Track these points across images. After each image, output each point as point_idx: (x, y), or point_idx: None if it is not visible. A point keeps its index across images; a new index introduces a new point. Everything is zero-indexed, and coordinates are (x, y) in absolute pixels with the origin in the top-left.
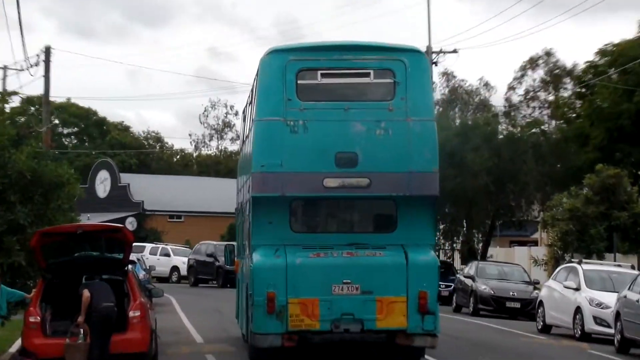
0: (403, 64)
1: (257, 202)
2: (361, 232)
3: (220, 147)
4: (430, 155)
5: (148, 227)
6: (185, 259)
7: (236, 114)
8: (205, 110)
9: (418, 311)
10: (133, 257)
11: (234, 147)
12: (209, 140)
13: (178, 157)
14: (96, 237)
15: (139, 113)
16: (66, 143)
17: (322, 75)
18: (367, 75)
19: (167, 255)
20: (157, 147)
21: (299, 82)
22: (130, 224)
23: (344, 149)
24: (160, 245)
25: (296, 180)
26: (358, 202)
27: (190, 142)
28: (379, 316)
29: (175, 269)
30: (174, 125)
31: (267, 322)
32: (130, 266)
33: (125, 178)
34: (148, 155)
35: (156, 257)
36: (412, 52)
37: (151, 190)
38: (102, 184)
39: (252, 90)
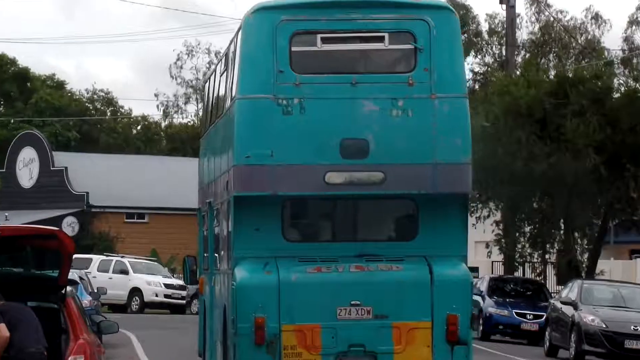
0: (426, 25)
1: (240, 204)
2: (373, 240)
3: (200, 114)
4: (461, 142)
5: (96, 232)
6: (152, 278)
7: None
8: (178, 59)
9: (446, 340)
10: (73, 274)
11: None
12: (185, 104)
13: (139, 128)
14: (19, 245)
15: (79, 63)
16: None
17: (323, 40)
18: (380, 39)
19: (124, 272)
20: (108, 114)
21: (293, 48)
22: (70, 226)
23: (352, 135)
24: (114, 258)
25: (291, 175)
26: (369, 203)
27: (157, 107)
28: (397, 347)
29: (136, 292)
30: (132, 81)
31: (254, 356)
32: (69, 288)
33: (61, 159)
34: (94, 125)
35: (108, 275)
36: (439, 8)
37: (100, 176)
38: (27, 168)
39: (226, 57)
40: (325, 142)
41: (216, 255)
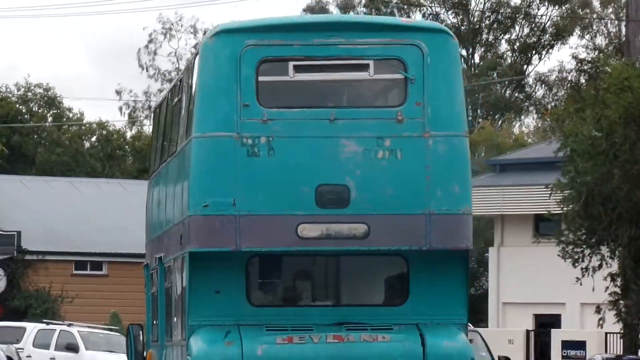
0: (419, 51)
1: (196, 261)
2: (355, 305)
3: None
4: (459, 189)
5: (31, 288)
6: (114, 358)
7: None
8: (150, 41)
9: None
10: None
11: None
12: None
13: (94, 139)
14: None
15: (5, 46)
16: None
17: (296, 68)
18: (364, 68)
19: (73, 348)
20: (49, 120)
21: (260, 78)
22: None
23: (330, 181)
24: (58, 327)
25: (257, 228)
26: (350, 260)
27: (120, 109)
28: None
29: None
30: (84, 72)
31: None
32: None
33: None
34: (29, 135)
35: (49, 354)
36: (434, 31)
37: (37, 209)
38: None
39: (180, 85)
40: (298, 188)
41: (168, 323)
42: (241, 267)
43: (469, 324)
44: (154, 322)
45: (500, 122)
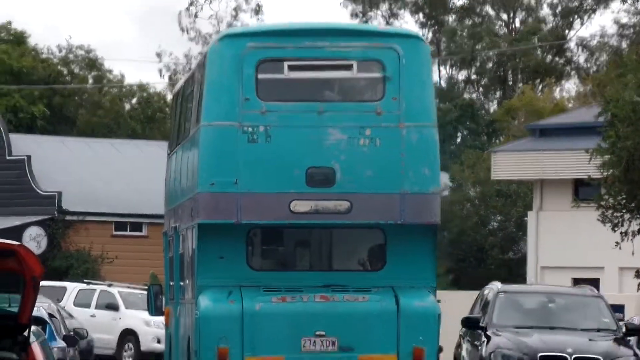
0: (395, 53)
1: (204, 231)
2: (339, 270)
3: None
4: (429, 172)
5: (72, 248)
6: (151, 316)
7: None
8: (191, 4)
9: None
10: (40, 310)
11: None
12: None
13: (135, 101)
14: None
15: (47, 9)
16: None
17: (290, 67)
18: (348, 68)
19: (113, 307)
20: (90, 81)
21: (259, 76)
22: (34, 240)
23: (318, 164)
24: (98, 287)
25: (256, 204)
26: (335, 232)
27: (160, 72)
28: None
29: (129, 335)
30: (125, 34)
31: None
32: (34, 330)
33: (22, 144)
34: (70, 97)
35: (89, 312)
36: (408, 37)
37: (78, 170)
38: None
39: (193, 79)
40: (291, 170)
41: (181, 283)
42: (242, 236)
43: (592, 288)
44: (171, 283)
45: (540, 87)
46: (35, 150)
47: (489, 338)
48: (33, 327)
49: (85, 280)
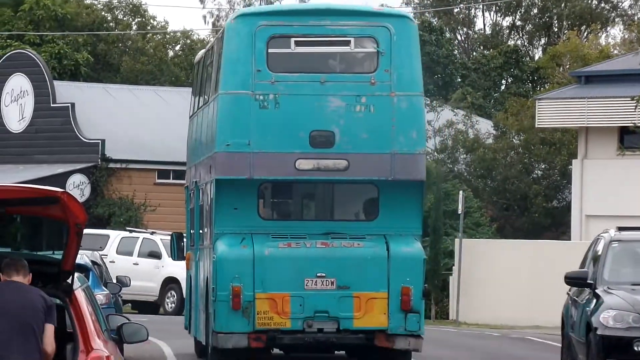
0: (388, 31)
1: (220, 186)
2: (338, 220)
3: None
4: (416, 136)
5: (115, 196)
6: None
7: None
8: None
9: (400, 309)
10: (83, 258)
11: None
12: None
13: (179, 48)
14: (5, 214)
15: None
16: None
17: (296, 43)
18: (346, 43)
19: (156, 255)
20: (134, 28)
21: (269, 50)
22: (78, 187)
23: (320, 127)
24: (141, 235)
25: (266, 162)
26: (335, 187)
27: (204, 18)
28: (357, 314)
29: (171, 284)
30: None
31: (231, 320)
32: (78, 277)
33: (66, 91)
34: (114, 44)
35: (132, 260)
36: (398, 17)
37: (121, 117)
38: (16, 104)
39: (212, 51)
40: (296, 133)
41: (200, 231)
42: (253, 190)
43: None
44: (192, 231)
45: (585, 33)
46: (79, 98)
47: (598, 297)
48: (77, 274)
49: (128, 228)
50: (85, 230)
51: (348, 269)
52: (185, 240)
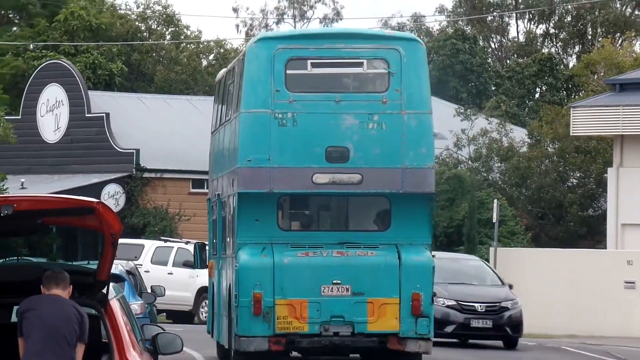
0: (398, 53)
1: (243, 199)
2: (353, 230)
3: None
4: (425, 151)
5: (149, 206)
6: None
7: None
8: None
9: (411, 314)
10: (118, 268)
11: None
12: (276, 23)
13: (212, 57)
14: (40, 224)
15: None
16: None
17: (313, 64)
18: (359, 65)
19: (191, 265)
20: (168, 37)
21: (288, 71)
22: (113, 197)
23: (335, 143)
24: (176, 245)
25: (285, 176)
26: (349, 199)
27: (237, 27)
28: (370, 319)
29: (205, 292)
30: None
31: (253, 325)
32: (112, 287)
33: (101, 101)
34: (148, 54)
35: (166, 270)
36: (408, 40)
37: (156, 127)
38: (51, 114)
39: (233, 71)
40: (313, 149)
41: (223, 241)
42: (273, 203)
43: None
44: (214, 241)
45: (620, 41)
46: (114, 108)
47: None
48: (112, 284)
49: (162, 238)
50: (120, 240)
51: (362, 276)
52: (207, 249)
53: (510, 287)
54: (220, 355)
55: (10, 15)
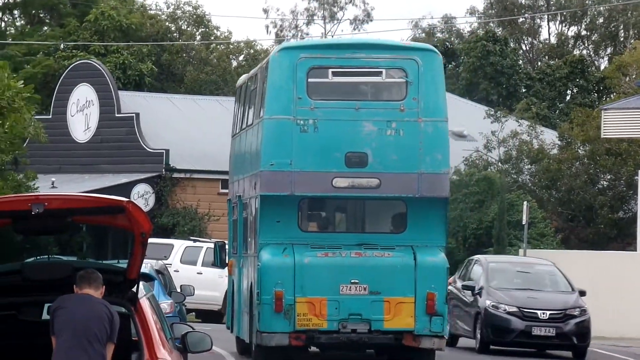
0: (415, 63)
1: (265, 201)
2: (370, 232)
3: (328, 38)
4: (441, 157)
5: (179, 206)
6: None
7: None
8: None
9: (426, 312)
10: (148, 267)
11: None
12: (307, 24)
13: (242, 58)
14: (71, 223)
15: None
16: (4, 26)
17: (333, 73)
18: (378, 74)
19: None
20: (198, 38)
21: (309, 80)
22: (142, 197)
23: (355, 149)
24: (205, 245)
25: (305, 180)
26: (367, 203)
27: (267, 28)
28: (387, 317)
29: None
30: None
31: (274, 321)
32: (142, 286)
33: (131, 101)
34: (178, 54)
35: (195, 269)
36: (425, 50)
37: (185, 127)
38: (82, 114)
39: (255, 78)
40: (333, 154)
41: (244, 241)
42: (294, 205)
43: None
44: (234, 241)
45: None
46: (144, 108)
47: None
48: (141, 283)
49: (191, 238)
50: (150, 240)
51: (379, 276)
52: (227, 249)
53: (582, 293)
54: (239, 349)
55: (41, 15)
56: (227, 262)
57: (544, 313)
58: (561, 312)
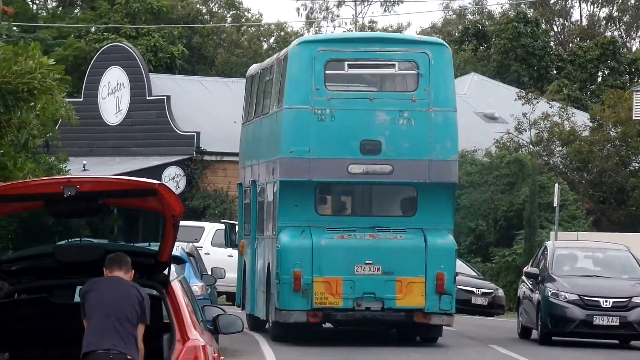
0: (427, 56)
1: (284, 186)
2: (383, 216)
3: (359, 20)
4: (450, 145)
5: (210, 188)
6: None
7: None
8: None
9: (436, 291)
10: (179, 250)
11: (386, 20)
12: (337, 6)
13: (273, 41)
14: (102, 206)
15: None
16: (35, 9)
17: (349, 65)
18: (392, 66)
19: None
20: (229, 20)
21: (326, 72)
22: (173, 180)
23: (369, 137)
24: (236, 227)
25: (323, 166)
26: (381, 188)
27: (298, 11)
28: (399, 295)
29: None
30: None
31: (293, 299)
32: (174, 268)
33: (162, 84)
34: (209, 37)
35: (226, 252)
36: (436, 44)
37: (216, 110)
38: (113, 96)
39: (271, 69)
40: (349, 142)
41: (260, 223)
42: (312, 190)
43: None
44: (246, 223)
45: None
46: (175, 90)
47: None
48: (173, 266)
49: (222, 221)
50: (181, 223)
51: (392, 257)
52: (237, 230)
53: None
54: (250, 325)
55: None
56: (237, 242)
57: (606, 301)
58: (626, 300)
